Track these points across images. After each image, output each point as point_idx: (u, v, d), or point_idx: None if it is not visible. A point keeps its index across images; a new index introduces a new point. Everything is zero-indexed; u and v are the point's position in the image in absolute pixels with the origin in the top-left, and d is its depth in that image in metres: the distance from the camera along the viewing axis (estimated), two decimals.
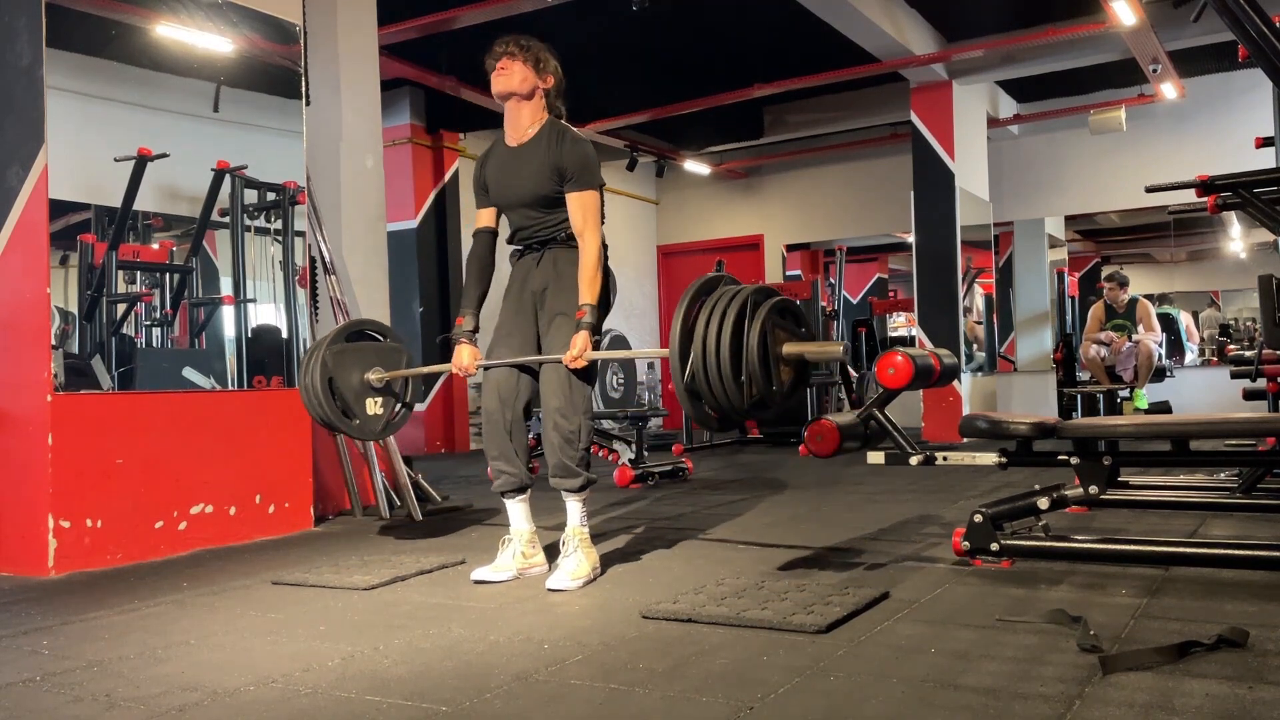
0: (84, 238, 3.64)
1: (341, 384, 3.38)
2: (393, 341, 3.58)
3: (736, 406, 2.62)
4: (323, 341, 3.42)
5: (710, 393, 2.60)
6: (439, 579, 3.08)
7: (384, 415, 3.50)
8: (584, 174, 3.01)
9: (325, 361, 3.33)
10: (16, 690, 2.06)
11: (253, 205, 4.23)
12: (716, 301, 2.65)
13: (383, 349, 3.53)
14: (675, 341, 2.64)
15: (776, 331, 2.67)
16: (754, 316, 2.61)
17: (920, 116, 8.30)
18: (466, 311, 3.18)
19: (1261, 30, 2.92)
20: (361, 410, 3.43)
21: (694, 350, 2.61)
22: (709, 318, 2.61)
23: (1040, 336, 10.28)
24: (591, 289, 2.98)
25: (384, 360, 3.49)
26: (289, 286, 4.36)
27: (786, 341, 2.69)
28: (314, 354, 3.38)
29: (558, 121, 3.11)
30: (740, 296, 2.63)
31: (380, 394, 3.47)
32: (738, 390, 2.59)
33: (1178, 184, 3.84)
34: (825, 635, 2.24)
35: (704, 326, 2.61)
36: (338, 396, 3.37)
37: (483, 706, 1.85)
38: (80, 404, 3.52)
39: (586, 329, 2.95)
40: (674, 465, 5.74)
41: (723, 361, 2.57)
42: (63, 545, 3.42)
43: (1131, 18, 6.33)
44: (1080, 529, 3.46)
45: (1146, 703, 1.72)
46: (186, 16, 3.93)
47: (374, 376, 3.43)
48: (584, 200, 3.02)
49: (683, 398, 2.67)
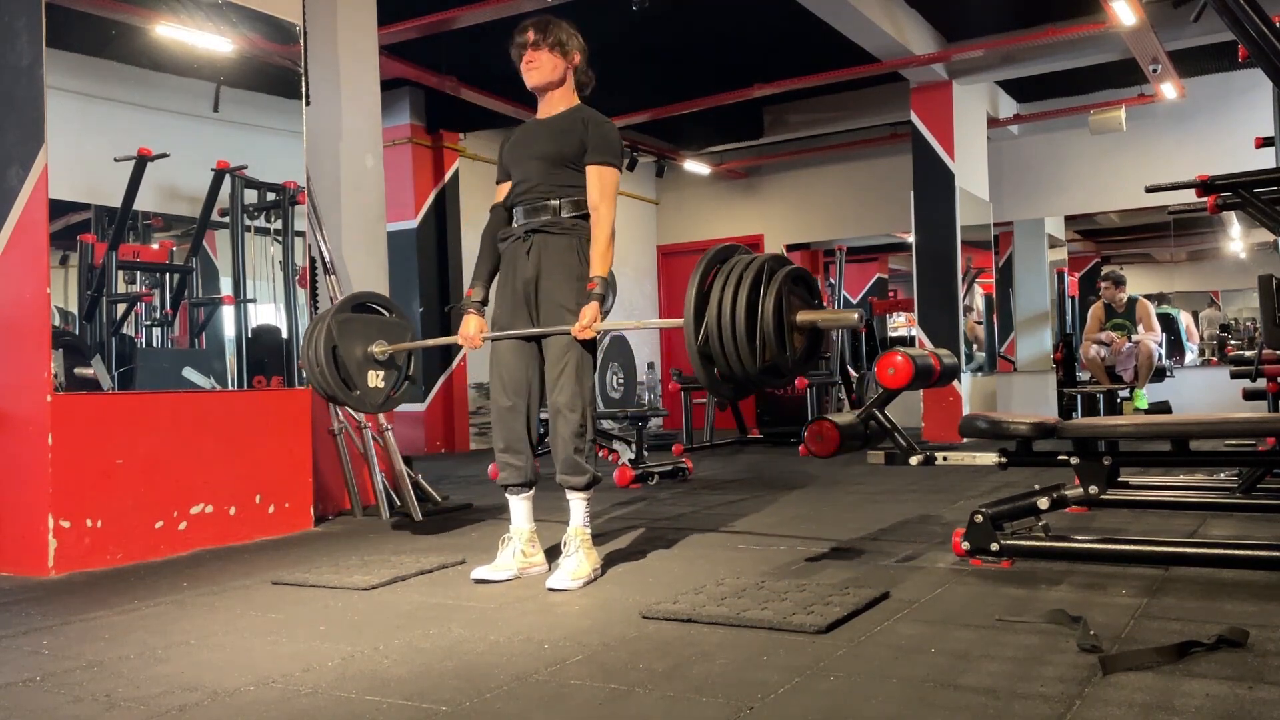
0: (84, 238, 3.64)
1: (345, 354, 3.37)
2: (397, 317, 3.58)
3: (750, 371, 2.61)
4: (328, 312, 3.42)
5: (724, 357, 2.60)
6: (439, 579, 3.08)
7: (385, 388, 3.49)
8: (608, 150, 3.05)
9: (330, 330, 3.32)
10: (16, 690, 2.06)
11: (253, 205, 4.23)
12: (733, 268, 2.65)
13: (386, 323, 3.52)
14: (690, 304, 2.64)
15: (791, 298, 2.67)
16: (769, 283, 2.60)
17: (920, 116, 8.30)
18: (477, 283, 3.21)
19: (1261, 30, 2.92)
20: (363, 382, 3.42)
21: (709, 314, 2.60)
22: (725, 283, 2.61)
23: (1040, 336, 10.28)
24: (603, 261, 2.99)
25: (387, 334, 3.49)
26: (289, 286, 4.36)
27: (801, 309, 2.69)
28: (319, 324, 3.38)
29: (586, 107, 3.15)
30: (756, 264, 2.63)
31: (383, 367, 3.46)
32: (751, 355, 2.58)
33: (1178, 184, 3.84)
34: (825, 635, 2.24)
35: (720, 291, 2.60)
36: (340, 367, 3.36)
37: (483, 707, 1.85)
38: (80, 404, 3.52)
39: (597, 300, 2.96)
40: (674, 465, 5.74)
41: (738, 325, 2.56)
42: (63, 545, 3.42)
43: (1131, 18, 6.32)
44: (1080, 529, 3.46)
45: (1146, 703, 1.72)
46: (186, 16, 3.93)
47: (378, 349, 3.43)
48: (603, 175, 3.03)
49: (695, 361, 2.66)
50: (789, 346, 2.65)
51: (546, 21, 3.10)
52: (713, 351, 2.62)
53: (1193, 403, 9.53)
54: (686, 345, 2.66)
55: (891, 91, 8.81)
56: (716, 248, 2.74)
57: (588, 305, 2.95)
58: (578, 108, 3.14)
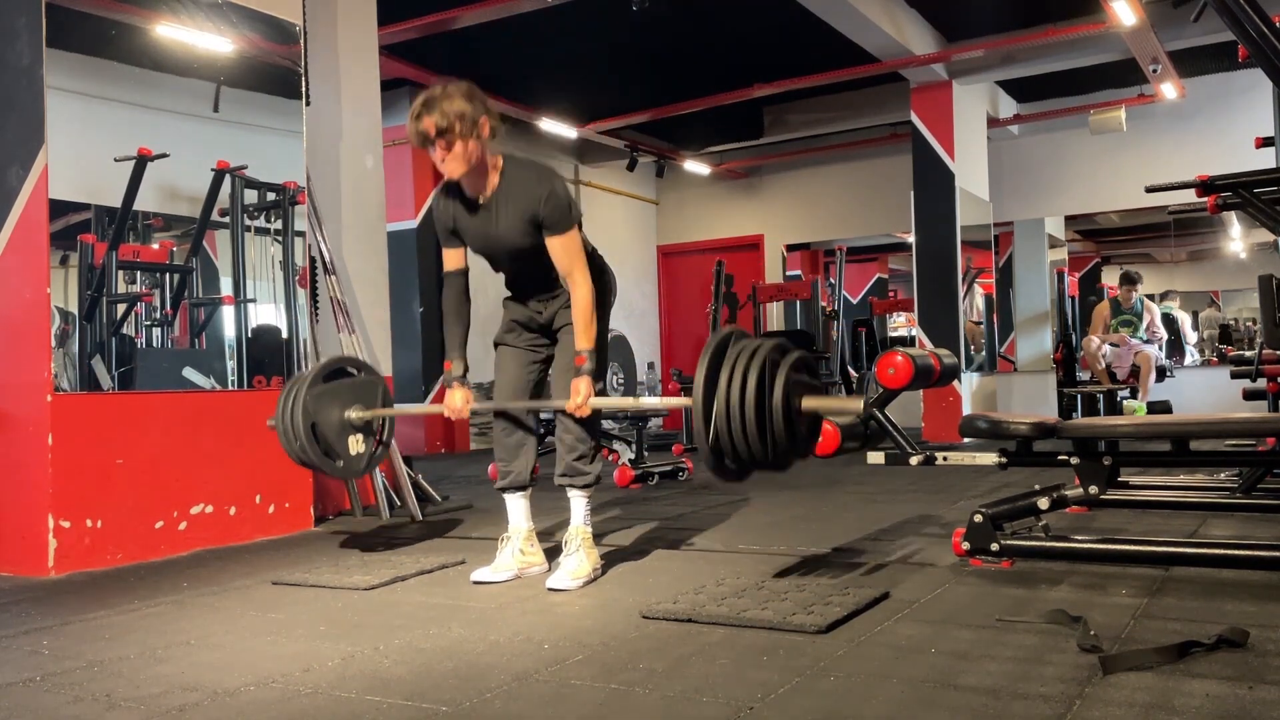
0: (84, 238, 3.64)
1: (324, 425, 3.28)
2: (366, 375, 3.47)
3: (758, 459, 2.61)
4: (299, 382, 3.30)
5: (734, 451, 2.59)
6: (439, 579, 3.08)
7: (366, 452, 3.40)
8: (559, 218, 2.89)
9: (307, 406, 3.22)
10: (16, 690, 2.06)
11: (253, 205, 4.23)
12: (736, 360, 2.62)
13: (358, 384, 3.42)
14: (698, 404, 2.62)
15: (796, 386, 2.67)
16: (776, 375, 2.60)
17: (920, 116, 8.30)
18: (453, 356, 3.10)
19: (1261, 30, 2.92)
20: (344, 449, 3.34)
21: (717, 408, 2.59)
22: (730, 378, 2.59)
23: (1040, 336, 10.28)
24: (588, 334, 2.92)
25: (361, 395, 3.39)
26: (289, 286, 4.36)
27: (806, 396, 2.69)
28: (292, 396, 3.26)
29: (512, 158, 2.97)
30: (760, 355, 2.61)
31: (361, 431, 3.39)
32: (761, 446, 2.58)
33: (1178, 184, 3.84)
34: (825, 635, 2.24)
35: (725, 388, 2.58)
36: (321, 440, 3.27)
37: (483, 707, 1.85)
38: (80, 404, 3.52)
39: (588, 375, 2.91)
40: (674, 465, 5.74)
41: (748, 420, 2.55)
42: (63, 545, 3.42)
43: (1131, 18, 6.33)
44: (1080, 529, 3.45)
45: (1146, 703, 1.72)
46: (186, 16, 3.93)
47: (355, 415, 3.34)
48: (565, 243, 2.91)
49: (706, 457, 2.65)
50: (797, 433, 2.65)
51: (436, 109, 2.76)
52: (722, 445, 2.60)
53: (1193, 403, 9.53)
54: (697, 441, 2.66)
55: (891, 91, 8.81)
56: (714, 340, 2.69)
57: (579, 380, 2.90)
58: (504, 170, 2.93)
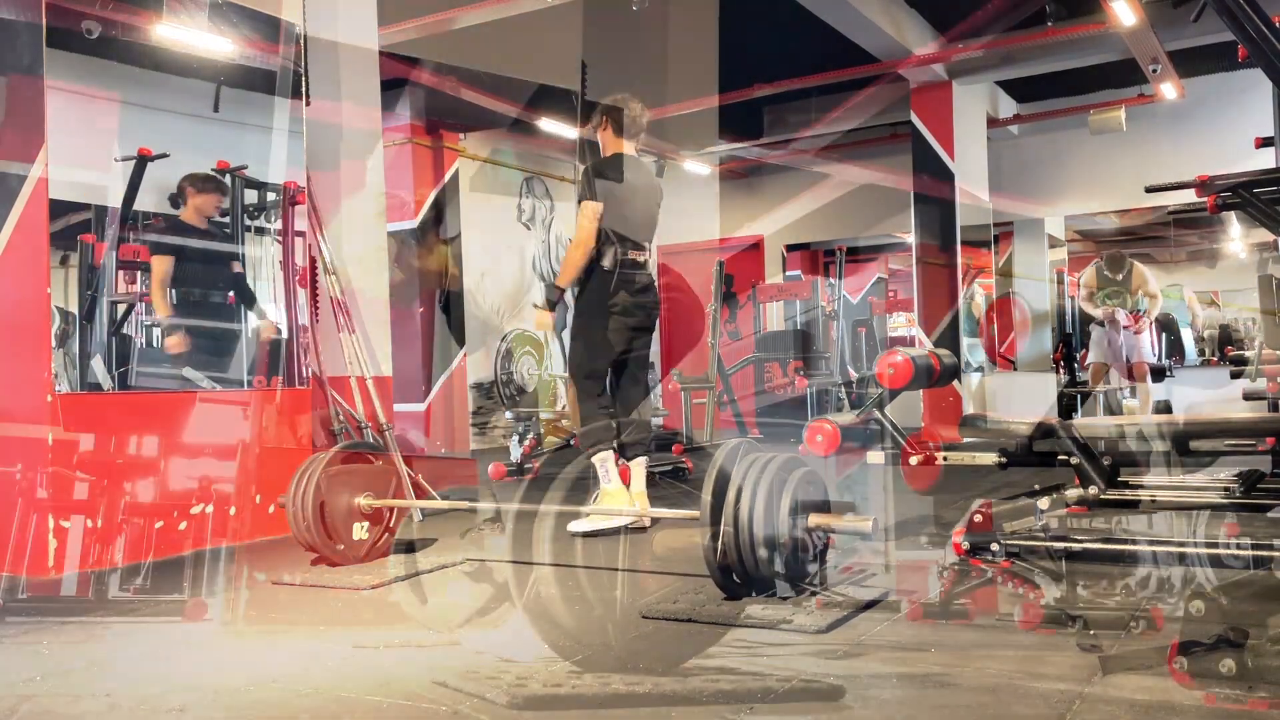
0: (84, 238, 3.64)
1: (331, 508, 3.29)
2: (384, 465, 3.48)
3: (767, 577, 2.60)
4: (316, 463, 3.32)
5: (742, 566, 2.58)
6: (439, 579, 3.08)
7: (369, 540, 3.40)
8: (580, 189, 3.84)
9: (319, 486, 3.24)
10: (16, 690, 2.06)
11: (253, 205, 4.23)
12: (745, 476, 2.61)
13: (373, 472, 3.44)
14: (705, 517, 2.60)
15: (805, 503, 2.65)
16: (783, 492, 2.58)
17: (920, 116, 8.30)
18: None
19: (1261, 30, 2.92)
20: (348, 535, 3.34)
21: (725, 527, 2.57)
22: (739, 496, 2.57)
23: (1040, 336, 10.28)
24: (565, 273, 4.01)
25: (374, 484, 3.41)
26: (289, 286, 4.35)
27: (814, 513, 2.67)
28: (306, 475, 3.28)
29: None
30: (769, 474, 2.60)
31: (369, 519, 3.39)
32: (769, 562, 2.56)
33: (1178, 184, 3.83)
34: (825, 635, 2.24)
35: (734, 506, 2.56)
36: (325, 521, 3.28)
37: (483, 706, 1.85)
38: (80, 404, 3.52)
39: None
40: (674, 465, 5.74)
41: (756, 540, 2.54)
42: (63, 545, 3.42)
43: (1131, 18, 6.32)
44: (1080, 529, 3.45)
45: (1146, 703, 1.72)
46: (186, 17, 3.93)
47: (364, 502, 3.36)
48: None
49: (714, 572, 2.63)
50: (807, 548, 2.63)
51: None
52: (730, 562, 2.59)
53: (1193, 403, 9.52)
54: (705, 560, 2.62)
55: (891, 91, 8.80)
56: (721, 456, 2.67)
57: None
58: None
